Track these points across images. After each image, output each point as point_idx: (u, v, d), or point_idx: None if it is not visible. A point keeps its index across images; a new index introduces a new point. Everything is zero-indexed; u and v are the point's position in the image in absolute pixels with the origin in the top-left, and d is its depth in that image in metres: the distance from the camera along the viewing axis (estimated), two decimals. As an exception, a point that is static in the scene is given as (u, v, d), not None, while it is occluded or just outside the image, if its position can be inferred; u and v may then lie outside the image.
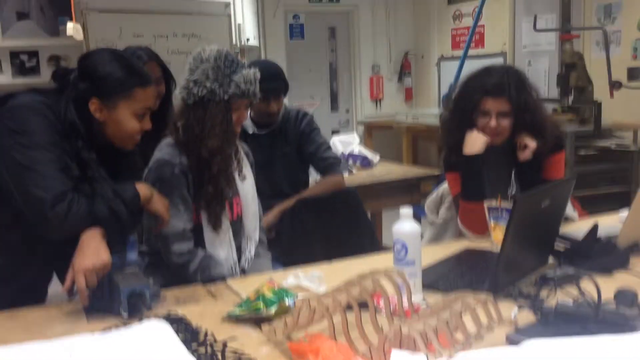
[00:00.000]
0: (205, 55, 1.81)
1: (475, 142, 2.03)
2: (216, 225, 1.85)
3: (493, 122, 2.01)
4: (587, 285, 1.26)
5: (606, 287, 1.27)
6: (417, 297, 1.45)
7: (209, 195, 1.83)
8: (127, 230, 1.57)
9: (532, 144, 2.01)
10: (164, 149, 1.85)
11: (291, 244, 2.46)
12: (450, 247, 1.94)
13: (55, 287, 1.79)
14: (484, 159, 2.07)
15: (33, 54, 5.01)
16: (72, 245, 1.49)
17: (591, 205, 2.95)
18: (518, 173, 2.09)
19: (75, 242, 1.49)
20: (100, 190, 1.55)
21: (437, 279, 1.60)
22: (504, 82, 2.00)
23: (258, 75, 1.88)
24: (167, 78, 2.53)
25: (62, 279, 1.66)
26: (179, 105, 1.88)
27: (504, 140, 2.05)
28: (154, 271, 1.76)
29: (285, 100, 2.79)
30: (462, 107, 2.08)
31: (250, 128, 2.70)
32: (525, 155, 2.02)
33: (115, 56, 1.63)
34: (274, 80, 2.58)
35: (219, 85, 1.79)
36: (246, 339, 1.31)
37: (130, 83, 1.60)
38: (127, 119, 1.61)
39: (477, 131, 2.03)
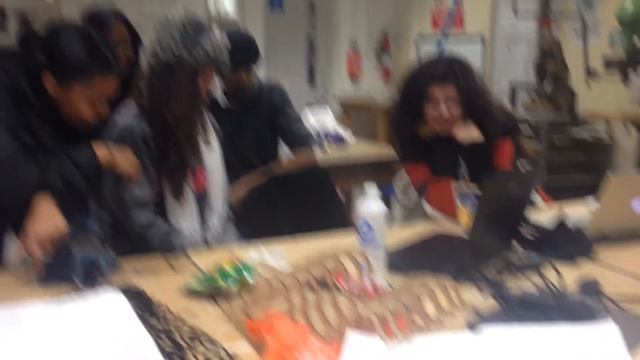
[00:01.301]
0: (173, 19, 1.75)
1: (471, 132, 2.04)
2: (179, 196, 1.80)
3: (445, 111, 2.00)
4: (551, 273, 1.25)
5: (570, 275, 1.27)
6: (379, 278, 1.42)
7: (173, 164, 1.77)
8: (84, 197, 1.52)
9: (461, 133, 2.02)
10: (125, 116, 1.78)
11: (258, 220, 2.42)
12: (419, 229, 1.93)
13: (6, 254, 1.72)
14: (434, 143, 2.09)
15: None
16: (21, 211, 1.42)
17: (563, 196, 2.95)
18: (465, 157, 2.08)
19: (26, 207, 1.42)
20: (55, 160, 1.48)
21: (402, 260, 1.57)
22: (450, 69, 2.03)
23: (227, 42, 1.81)
24: (135, 41, 2.45)
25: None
26: (145, 70, 1.81)
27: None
28: (114, 240, 1.71)
29: (261, 75, 2.73)
30: (409, 99, 2.08)
31: (221, 100, 2.63)
32: (464, 137, 2.03)
33: (83, 37, 1.54)
34: (244, 50, 2.51)
35: (185, 50, 1.73)
36: (203, 314, 1.27)
37: (91, 69, 1.52)
38: (81, 103, 1.54)
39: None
